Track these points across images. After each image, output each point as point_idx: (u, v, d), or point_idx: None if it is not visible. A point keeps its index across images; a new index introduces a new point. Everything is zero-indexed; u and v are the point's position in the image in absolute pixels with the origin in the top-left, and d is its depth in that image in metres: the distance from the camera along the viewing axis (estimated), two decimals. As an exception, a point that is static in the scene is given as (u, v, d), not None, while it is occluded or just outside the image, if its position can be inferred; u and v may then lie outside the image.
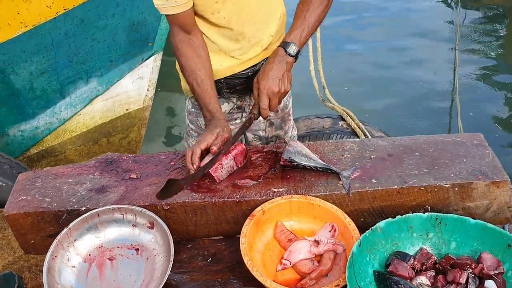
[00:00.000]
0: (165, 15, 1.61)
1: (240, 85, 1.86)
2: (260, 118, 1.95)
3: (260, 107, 1.58)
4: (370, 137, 2.86)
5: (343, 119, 3.03)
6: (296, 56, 1.59)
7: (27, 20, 2.57)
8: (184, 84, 1.93)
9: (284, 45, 1.58)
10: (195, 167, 1.48)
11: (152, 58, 3.37)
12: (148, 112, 3.59)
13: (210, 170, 1.47)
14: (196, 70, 1.66)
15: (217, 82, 1.81)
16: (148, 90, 3.47)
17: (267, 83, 1.55)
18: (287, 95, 1.67)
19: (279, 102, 1.61)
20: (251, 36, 1.72)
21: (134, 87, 3.40)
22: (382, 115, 4.24)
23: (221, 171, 1.50)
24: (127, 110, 3.46)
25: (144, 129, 3.68)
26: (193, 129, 2.05)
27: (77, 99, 3.16)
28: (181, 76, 1.89)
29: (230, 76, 1.82)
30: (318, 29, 3.16)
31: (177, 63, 1.83)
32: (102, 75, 3.18)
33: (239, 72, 1.81)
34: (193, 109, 2.00)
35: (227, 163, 1.50)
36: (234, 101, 1.95)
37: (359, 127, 2.91)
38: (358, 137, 2.87)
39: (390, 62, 5.13)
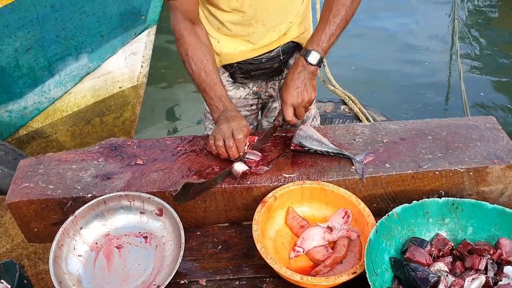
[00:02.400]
0: (169, 1, 1.55)
1: (254, 71, 1.80)
2: (276, 105, 1.90)
3: (284, 118, 1.56)
4: (372, 121, 2.83)
5: (345, 103, 3.00)
6: (318, 64, 1.54)
7: (9, -8, 2.43)
8: None
9: (305, 53, 1.53)
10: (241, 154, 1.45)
11: (146, 32, 3.20)
12: (143, 90, 3.44)
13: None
14: (204, 59, 1.59)
15: (230, 66, 1.77)
16: (142, 66, 3.32)
17: (289, 95, 1.53)
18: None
19: (306, 110, 1.60)
20: (265, 21, 1.65)
21: (127, 63, 3.25)
22: (384, 100, 4.20)
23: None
24: (120, 88, 3.32)
25: (139, 108, 3.54)
26: (209, 112, 1.99)
27: (67, 77, 3.04)
28: None
29: (243, 61, 1.76)
30: (318, 3, 3.07)
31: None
32: (92, 51, 3.04)
33: (252, 58, 1.75)
34: None
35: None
36: (250, 86, 1.89)
37: (361, 112, 2.88)
38: (360, 121, 2.84)
39: (392, 47, 5.08)
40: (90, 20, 2.88)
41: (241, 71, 1.79)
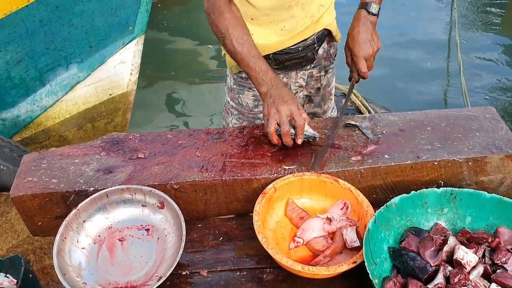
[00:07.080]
0: None
1: (289, 61, 1.81)
2: (300, 94, 1.93)
3: (360, 71, 1.64)
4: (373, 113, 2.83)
5: (347, 96, 3.00)
6: (378, 14, 1.63)
7: (-2, 9, 2.52)
8: (230, 59, 1.83)
9: (366, 5, 1.62)
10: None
11: (134, 42, 3.36)
12: (133, 96, 3.60)
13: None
14: (245, 35, 1.54)
15: (266, 58, 1.69)
16: (131, 74, 3.48)
17: (360, 48, 1.61)
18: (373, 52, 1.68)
19: (374, 60, 1.68)
20: (304, 4, 1.68)
21: (116, 71, 3.40)
22: (385, 93, 4.20)
23: None
24: (110, 95, 3.46)
25: (129, 113, 3.69)
26: (234, 107, 1.99)
27: (58, 86, 3.16)
28: (224, 51, 1.83)
29: (279, 51, 1.77)
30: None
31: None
32: (82, 61, 3.17)
33: (289, 47, 1.76)
34: (235, 86, 1.94)
35: None
36: (281, 77, 1.87)
37: (363, 105, 2.89)
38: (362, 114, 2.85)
39: (392, 40, 5.07)
40: (78, 32, 2.99)
41: (275, 62, 1.79)
